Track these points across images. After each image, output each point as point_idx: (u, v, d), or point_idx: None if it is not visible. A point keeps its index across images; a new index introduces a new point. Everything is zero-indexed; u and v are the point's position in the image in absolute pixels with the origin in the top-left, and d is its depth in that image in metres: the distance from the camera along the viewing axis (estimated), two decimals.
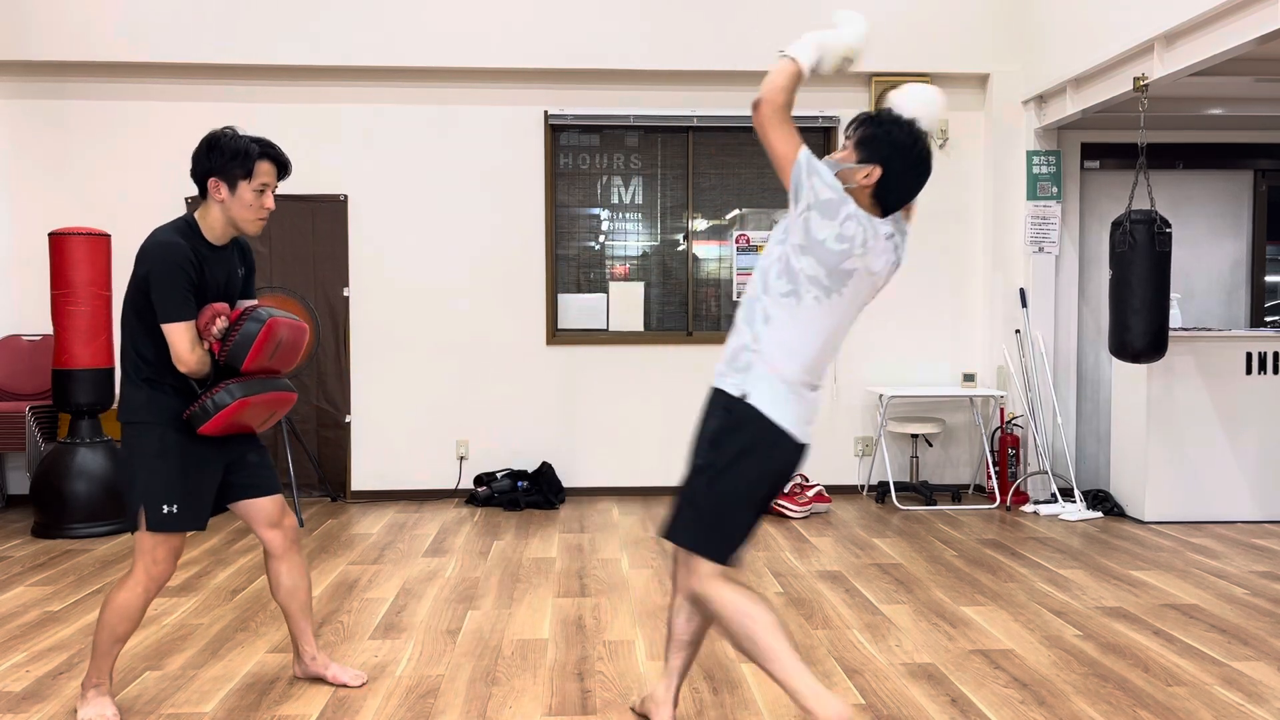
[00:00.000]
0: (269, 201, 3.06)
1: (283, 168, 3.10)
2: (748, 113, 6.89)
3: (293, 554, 3.27)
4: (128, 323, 3.02)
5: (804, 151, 2.57)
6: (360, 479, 6.83)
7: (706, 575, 2.62)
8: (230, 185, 3.00)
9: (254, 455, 3.21)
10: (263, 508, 3.20)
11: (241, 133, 3.05)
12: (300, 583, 3.30)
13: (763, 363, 2.59)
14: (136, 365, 3.01)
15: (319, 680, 3.38)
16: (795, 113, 7.63)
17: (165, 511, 2.98)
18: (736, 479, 2.60)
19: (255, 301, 3.19)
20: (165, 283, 2.91)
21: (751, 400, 2.57)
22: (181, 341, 2.92)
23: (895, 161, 2.58)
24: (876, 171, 2.59)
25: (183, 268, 2.92)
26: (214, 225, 3.05)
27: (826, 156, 2.68)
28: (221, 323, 2.99)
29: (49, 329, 6.47)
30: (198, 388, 3.04)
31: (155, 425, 3.00)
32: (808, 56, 2.68)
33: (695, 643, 2.90)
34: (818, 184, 2.54)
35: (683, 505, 2.68)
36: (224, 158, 2.99)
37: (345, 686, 3.34)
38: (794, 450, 2.59)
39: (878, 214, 2.62)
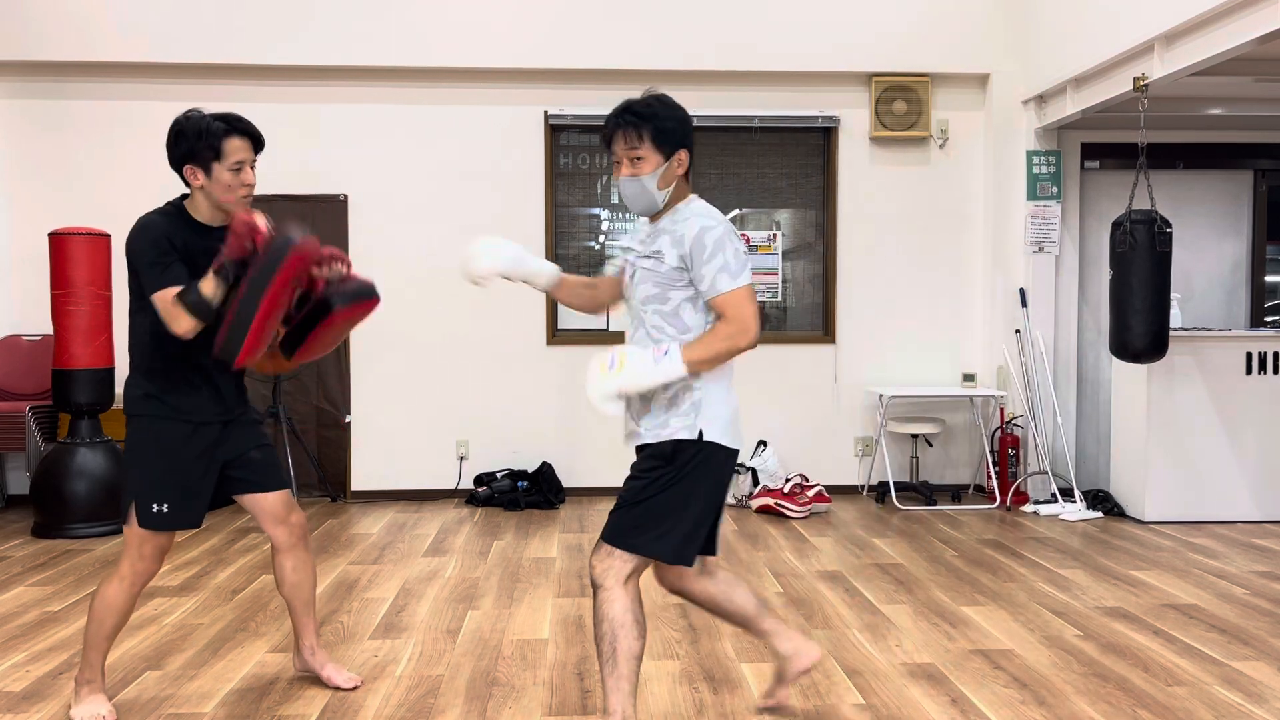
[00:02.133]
0: (249, 178, 2.99)
1: (255, 141, 3.02)
2: (748, 112, 6.92)
3: (299, 550, 3.25)
4: (131, 313, 3.01)
5: (748, 282, 2.65)
6: (360, 479, 6.83)
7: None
8: (205, 169, 2.95)
9: (257, 453, 3.18)
10: (267, 503, 3.19)
11: (206, 113, 2.98)
12: (305, 579, 3.28)
13: None
14: (140, 353, 3.00)
15: (316, 679, 3.37)
16: (794, 112, 7.65)
17: (155, 510, 2.97)
18: None
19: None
20: (144, 257, 2.88)
21: None
22: (169, 308, 2.84)
23: (691, 133, 2.71)
24: (684, 154, 2.69)
25: (156, 243, 2.89)
26: (201, 208, 3.02)
27: (623, 180, 2.71)
28: (340, 267, 3.02)
29: (49, 329, 6.46)
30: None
31: (153, 419, 2.99)
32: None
33: (751, 599, 2.93)
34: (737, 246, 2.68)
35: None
36: (191, 142, 2.94)
37: (339, 689, 3.33)
38: None
39: (691, 190, 2.78)
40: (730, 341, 2.57)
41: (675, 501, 2.63)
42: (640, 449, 2.74)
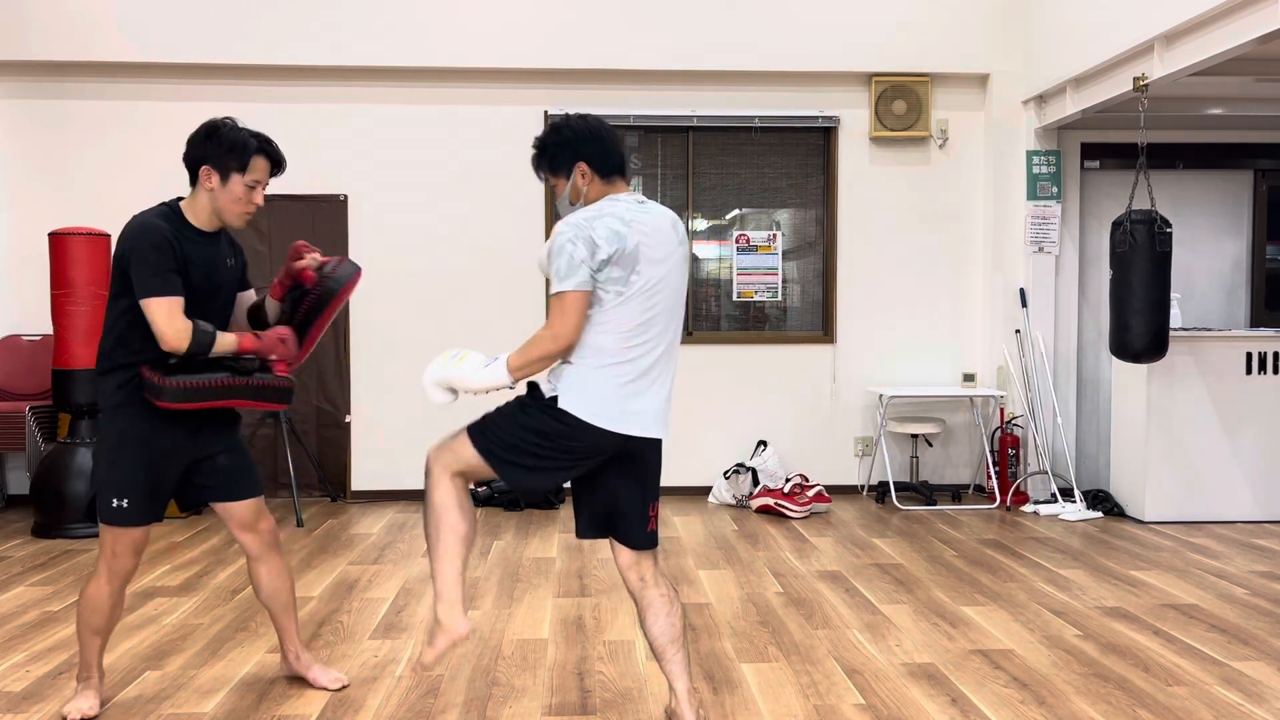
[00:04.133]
0: (258, 198, 3.04)
1: (277, 165, 3.08)
2: (748, 112, 6.92)
3: (270, 556, 3.23)
4: (109, 309, 2.99)
5: (579, 283, 2.68)
6: (360, 479, 6.83)
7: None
8: (223, 176, 2.98)
9: (224, 458, 3.14)
10: (234, 512, 3.16)
11: (241, 125, 3.03)
12: (281, 584, 3.27)
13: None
14: (113, 349, 2.97)
15: (304, 680, 3.37)
16: (794, 112, 7.64)
17: (115, 505, 2.96)
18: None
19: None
20: (144, 260, 2.87)
21: None
22: (160, 315, 2.86)
23: (584, 145, 2.82)
24: (583, 166, 2.82)
25: (159, 247, 2.88)
26: (200, 213, 3.02)
27: (558, 203, 2.93)
28: (315, 256, 3.17)
29: (49, 329, 6.46)
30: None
31: (119, 411, 2.96)
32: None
33: (676, 640, 2.87)
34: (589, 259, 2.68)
35: None
36: (221, 148, 2.97)
37: (325, 690, 3.32)
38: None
39: (615, 189, 2.85)
40: (541, 346, 2.69)
41: (511, 423, 2.78)
42: None
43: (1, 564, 5.02)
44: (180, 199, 3.06)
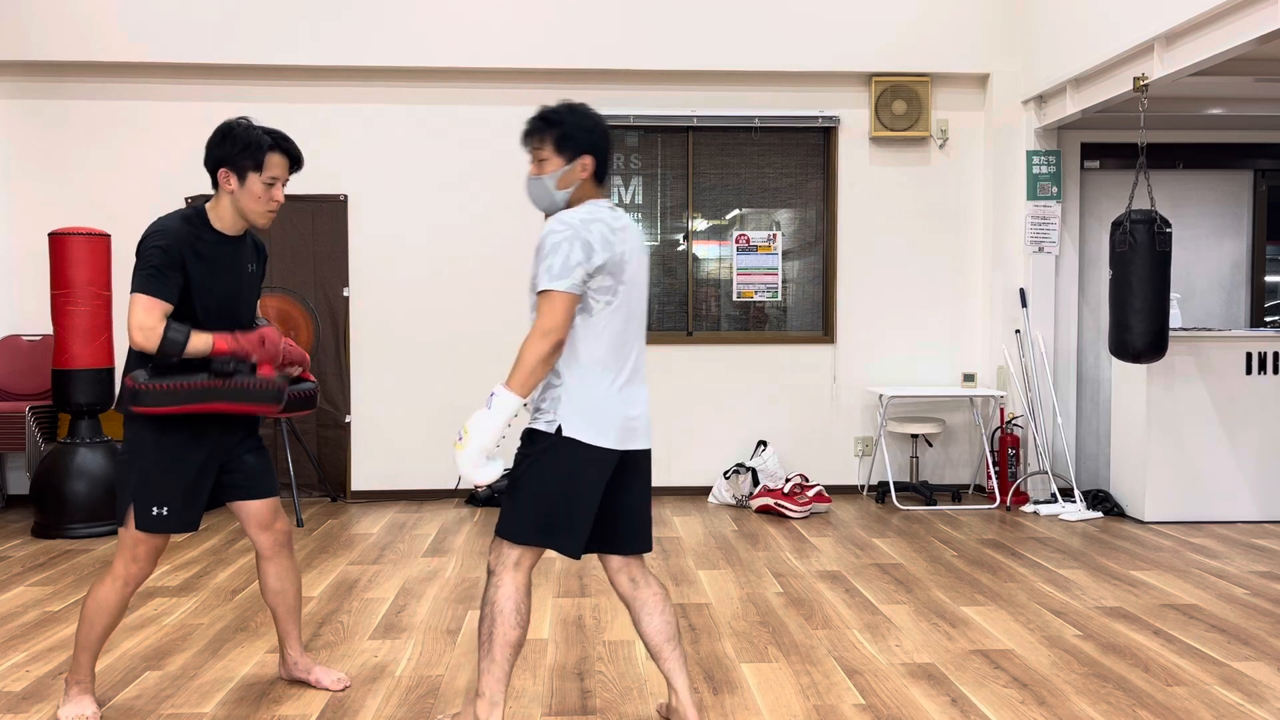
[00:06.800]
0: (279, 195, 3.04)
1: (295, 161, 3.08)
2: (748, 112, 6.93)
3: (283, 557, 3.25)
4: None
5: (571, 285, 2.63)
6: (360, 479, 6.83)
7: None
8: (240, 176, 2.98)
9: (252, 457, 3.18)
10: (255, 510, 3.18)
11: (255, 124, 3.03)
12: (289, 586, 3.28)
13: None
14: (143, 356, 2.95)
15: (303, 683, 3.37)
16: (794, 112, 7.63)
17: (155, 513, 2.96)
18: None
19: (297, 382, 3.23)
20: (147, 257, 2.88)
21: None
22: (137, 312, 2.84)
23: (598, 139, 2.80)
24: (588, 160, 2.79)
25: (167, 250, 2.88)
26: (224, 215, 3.03)
27: (528, 179, 2.86)
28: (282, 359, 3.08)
29: (49, 329, 6.47)
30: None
31: (156, 420, 2.95)
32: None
33: (673, 637, 2.88)
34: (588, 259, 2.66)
35: None
36: (236, 148, 2.97)
37: (328, 690, 3.32)
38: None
39: (601, 195, 2.85)
40: (534, 348, 2.61)
41: (531, 486, 2.71)
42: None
43: (1, 564, 5.02)
44: (205, 203, 3.06)
